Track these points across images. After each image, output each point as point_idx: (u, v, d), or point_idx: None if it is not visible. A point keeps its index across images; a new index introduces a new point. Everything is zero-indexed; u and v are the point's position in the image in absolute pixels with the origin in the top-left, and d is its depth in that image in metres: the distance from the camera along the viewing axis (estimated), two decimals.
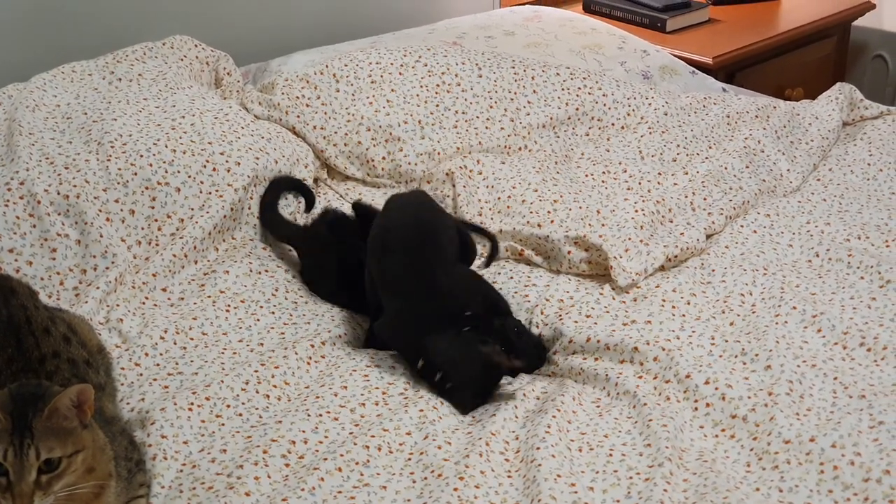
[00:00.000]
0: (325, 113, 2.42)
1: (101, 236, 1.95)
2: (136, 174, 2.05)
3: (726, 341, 1.80)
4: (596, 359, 1.78)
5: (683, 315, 1.87)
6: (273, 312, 1.92)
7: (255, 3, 2.85)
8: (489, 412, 1.65)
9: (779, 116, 2.54)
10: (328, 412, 1.62)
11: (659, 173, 2.35)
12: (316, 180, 2.35)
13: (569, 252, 2.05)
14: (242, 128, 2.26)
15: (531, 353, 1.72)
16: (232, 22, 2.82)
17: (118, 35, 2.57)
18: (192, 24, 2.70)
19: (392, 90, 2.48)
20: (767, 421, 1.59)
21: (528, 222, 2.14)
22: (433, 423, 1.61)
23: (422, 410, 1.63)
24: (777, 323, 1.84)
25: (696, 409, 1.65)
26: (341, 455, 1.50)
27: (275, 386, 1.70)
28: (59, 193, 1.98)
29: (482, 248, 2.03)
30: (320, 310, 1.96)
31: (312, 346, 1.80)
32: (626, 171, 2.36)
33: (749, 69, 3.39)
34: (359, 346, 1.88)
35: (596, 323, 1.85)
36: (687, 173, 2.32)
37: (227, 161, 2.15)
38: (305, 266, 2.08)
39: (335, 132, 2.39)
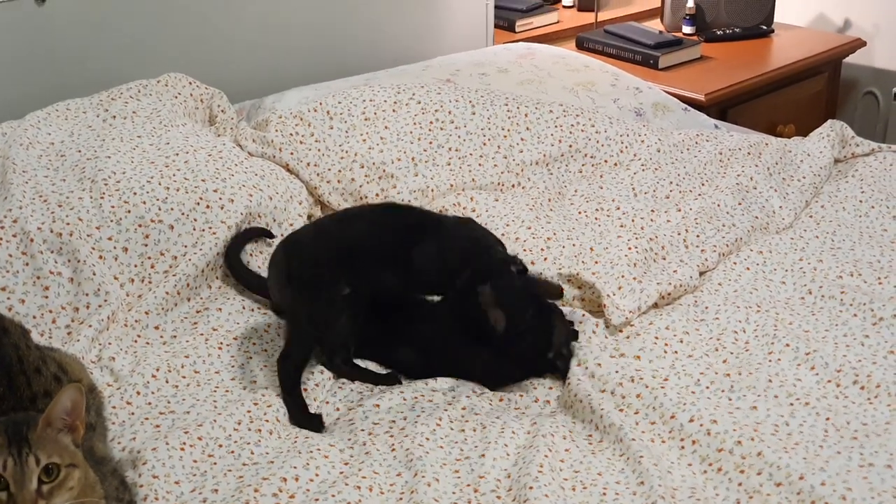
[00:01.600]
0: (319, 150, 2.42)
1: (94, 274, 1.95)
2: (129, 212, 2.05)
3: (716, 374, 1.80)
4: (589, 395, 1.77)
5: (676, 352, 1.87)
6: (265, 350, 1.92)
7: (249, 41, 2.86)
8: (478, 450, 1.64)
9: (771, 153, 2.55)
10: (318, 449, 1.61)
11: (652, 210, 2.35)
12: (310, 217, 2.35)
13: None
14: (236, 165, 2.27)
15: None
16: (226, 59, 2.83)
17: (112, 73, 2.58)
18: (187, 62, 2.71)
19: (386, 127, 2.48)
20: (755, 455, 1.58)
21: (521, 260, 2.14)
22: (420, 458, 1.60)
23: (408, 449, 1.62)
24: (770, 360, 1.84)
25: (683, 447, 1.65)
26: (332, 496, 1.49)
27: (267, 420, 1.69)
28: (52, 231, 1.98)
29: None
30: None
31: (306, 389, 1.80)
32: (619, 209, 2.36)
33: (741, 106, 3.41)
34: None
35: (591, 351, 1.86)
36: (680, 210, 2.32)
37: (220, 198, 2.15)
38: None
39: (328, 169, 2.39)
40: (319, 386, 1.82)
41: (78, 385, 1.28)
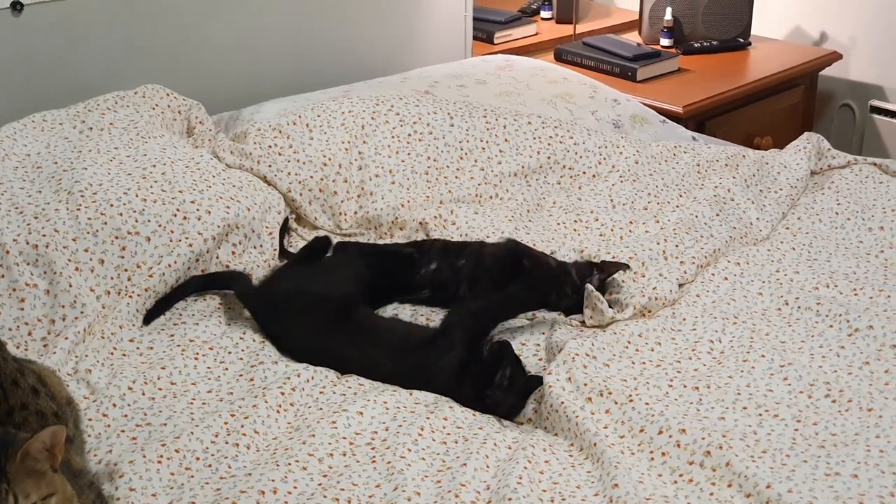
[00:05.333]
0: (298, 161, 2.42)
1: (71, 286, 1.94)
2: (106, 223, 2.04)
3: (685, 387, 1.80)
4: (562, 402, 1.77)
5: (644, 363, 1.87)
6: (241, 358, 1.90)
7: (227, 52, 2.86)
8: (460, 460, 1.64)
9: (748, 165, 2.56)
10: (296, 461, 1.60)
11: (630, 222, 2.36)
12: (288, 229, 2.35)
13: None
14: (214, 176, 2.26)
15: None
16: (204, 70, 2.82)
17: (89, 84, 2.57)
18: (164, 73, 2.70)
19: (364, 142, 2.48)
20: (724, 466, 1.58)
21: None
22: (401, 472, 1.59)
23: (389, 462, 1.61)
24: (742, 371, 1.84)
25: (653, 459, 1.64)
26: None
27: (244, 434, 1.68)
28: (28, 243, 1.96)
29: None
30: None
31: (283, 393, 1.78)
32: (597, 220, 2.37)
33: (719, 118, 3.43)
34: (328, 385, 1.85)
35: (563, 360, 1.85)
36: (658, 221, 2.33)
37: (197, 209, 2.14)
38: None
39: (308, 179, 2.39)
40: (296, 390, 1.81)
41: (62, 427, 1.27)
